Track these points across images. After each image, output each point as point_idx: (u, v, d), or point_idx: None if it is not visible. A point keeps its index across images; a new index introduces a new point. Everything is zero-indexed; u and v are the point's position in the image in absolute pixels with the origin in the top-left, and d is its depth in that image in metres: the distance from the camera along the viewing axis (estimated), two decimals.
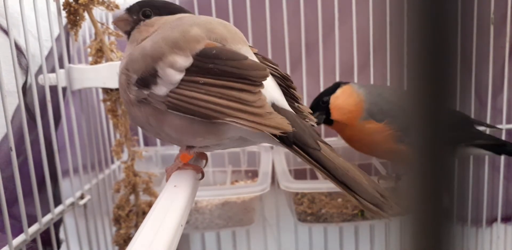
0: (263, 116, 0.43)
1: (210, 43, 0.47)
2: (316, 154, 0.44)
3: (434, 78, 0.17)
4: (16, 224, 0.62)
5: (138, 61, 0.48)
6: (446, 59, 0.16)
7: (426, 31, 0.16)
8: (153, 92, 0.46)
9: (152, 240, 0.35)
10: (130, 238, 0.74)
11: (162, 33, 0.49)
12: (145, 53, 0.48)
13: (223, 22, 0.51)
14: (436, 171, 0.18)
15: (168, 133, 0.48)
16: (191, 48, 0.46)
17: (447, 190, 0.18)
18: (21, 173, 0.57)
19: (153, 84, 0.46)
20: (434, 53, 0.16)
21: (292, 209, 0.80)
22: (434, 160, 0.18)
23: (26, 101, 0.65)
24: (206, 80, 0.44)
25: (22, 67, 0.66)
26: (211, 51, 0.46)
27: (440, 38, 0.16)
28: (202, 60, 0.45)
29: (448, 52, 0.16)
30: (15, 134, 0.60)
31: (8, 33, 0.56)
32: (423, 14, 0.16)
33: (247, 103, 0.43)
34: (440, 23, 0.16)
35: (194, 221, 0.76)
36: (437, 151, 0.17)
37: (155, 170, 0.87)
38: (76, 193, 0.73)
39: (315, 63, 0.88)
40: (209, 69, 0.45)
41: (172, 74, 0.46)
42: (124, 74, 0.49)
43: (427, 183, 0.18)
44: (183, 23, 0.49)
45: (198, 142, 0.48)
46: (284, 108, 0.47)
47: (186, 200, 0.44)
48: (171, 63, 0.46)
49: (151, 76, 0.47)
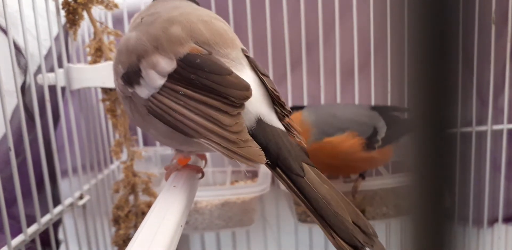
0: (237, 144, 0.40)
1: (195, 48, 0.44)
2: (299, 181, 0.41)
3: (435, 77, 0.17)
4: (15, 224, 0.61)
5: (123, 54, 0.46)
6: (448, 58, 0.16)
7: (427, 31, 0.16)
8: (136, 92, 0.45)
9: (151, 241, 0.35)
10: (130, 238, 0.74)
11: (149, 24, 0.47)
12: (129, 47, 0.46)
13: (211, 17, 0.48)
14: (438, 170, 0.18)
15: (154, 135, 0.47)
16: (175, 51, 0.44)
17: (449, 190, 0.18)
18: (20, 173, 0.56)
19: (136, 84, 0.45)
20: (436, 52, 0.16)
21: (292, 209, 0.80)
22: (435, 159, 0.18)
23: (25, 101, 0.64)
24: (186, 92, 0.42)
25: (21, 67, 0.66)
26: (195, 59, 0.43)
27: (441, 37, 0.16)
28: (185, 67, 0.43)
29: (450, 52, 0.16)
30: (14, 133, 0.60)
31: (7, 33, 0.56)
32: (424, 13, 0.16)
33: (223, 127, 0.41)
34: (441, 23, 0.16)
35: (194, 222, 0.76)
36: (439, 151, 0.17)
37: (154, 170, 0.86)
38: (75, 193, 0.73)
39: (315, 63, 0.88)
40: (190, 79, 0.42)
41: (154, 78, 0.44)
42: (115, 64, 0.48)
43: (428, 183, 0.18)
44: (170, 18, 0.46)
45: (185, 148, 0.47)
46: (271, 125, 0.43)
47: (185, 200, 0.44)
48: (153, 65, 0.44)
49: (135, 75, 0.45)
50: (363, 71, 0.89)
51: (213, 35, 0.45)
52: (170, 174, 0.49)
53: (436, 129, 0.17)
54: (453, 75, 0.16)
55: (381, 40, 0.83)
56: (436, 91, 0.17)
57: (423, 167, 0.18)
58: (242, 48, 0.48)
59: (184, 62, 0.43)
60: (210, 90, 0.42)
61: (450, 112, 0.17)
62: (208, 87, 0.42)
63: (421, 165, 0.18)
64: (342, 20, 0.86)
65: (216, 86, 0.41)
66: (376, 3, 0.83)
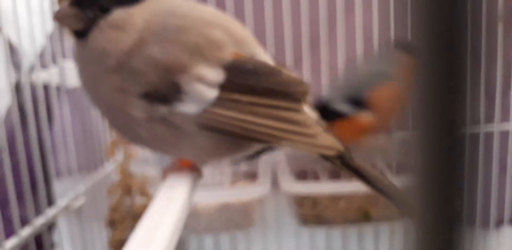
0: (315, 137, 0.41)
1: (237, 53, 0.42)
2: (353, 165, 0.43)
3: (443, 75, 0.16)
4: (8, 226, 0.61)
5: (144, 74, 0.40)
6: (455, 56, 0.16)
7: (433, 28, 0.16)
8: (177, 110, 0.40)
9: (148, 244, 0.35)
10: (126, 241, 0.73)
11: (172, 31, 0.41)
12: (155, 62, 0.40)
13: (227, 17, 0.46)
14: (447, 171, 0.17)
15: (186, 153, 0.44)
16: (218, 59, 0.41)
17: (458, 192, 0.17)
18: (13, 174, 0.56)
19: (177, 100, 0.40)
20: (443, 50, 0.16)
21: (293, 211, 0.79)
22: (444, 160, 0.17)
23: (18, 100, 0.64)
24: (250, 99, 0.41)
25: (14, 65, 0.66)
26: (245, 65, 0.41)
27: (449, 35, 0.16)
28: (236, 75, 0.41)
29: (457, 50, 0.16)
30: (7, 133, 0.59)
31: (1, 30, 0.55)
32: (430, 10, 0.16)
33: (298, 124, 0.41)
34: (448, 20, 0.16)
35: (192, 224, 0.75)
36: (448, 151, 0.17)
37: (151, 171, 0.86)
38: (70, 195, 0.72)
39: (317, 60, 0.87)
40: (249, 86, 0.41)
41: (203, 91, 0.40)
42: (116, 90, 0.40)
43: (437, 185, 0.17)
44: (193, 21, 0.42)
45: (219, 162, 0.47)
46: (319, 122, 0.44)
47: (183, 201, 0.43)
48: (198, 77, 0.40)
49: (171, 92, 0.40)
50: None
51: (244, 35, 0.44)
52: (169, 173, 0.48)
53: (445, 129, 0.17)
54: (461, 74, 0.16)
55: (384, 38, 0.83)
56: (444, 90, 0.16)
57: (431, 168, 0.17)
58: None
59: (234, 70, 0.41)
60: (273, 93, 0.42)
61: (459, 111, 0.16)
62: (270, 89, 0.41)
63: (429, 165, 0.17)
64: (345, 17, 0.86)
65: (277, 87, 0.42)
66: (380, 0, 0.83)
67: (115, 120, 0.44)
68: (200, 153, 0.44)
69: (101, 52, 0.40)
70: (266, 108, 0.41)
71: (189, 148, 0.43)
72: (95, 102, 0.44)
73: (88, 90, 0.43)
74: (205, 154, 0.44)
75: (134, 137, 0.44)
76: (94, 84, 0.42)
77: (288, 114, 0.41)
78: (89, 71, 0.42)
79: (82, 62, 0.43)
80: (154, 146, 0.45)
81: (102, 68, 0.41)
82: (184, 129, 0.41)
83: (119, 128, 0.45)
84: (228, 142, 0.42)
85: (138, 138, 0.44)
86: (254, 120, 0.41)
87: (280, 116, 0.41)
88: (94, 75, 0.42)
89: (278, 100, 0.42)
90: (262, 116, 0.41)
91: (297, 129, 0.41)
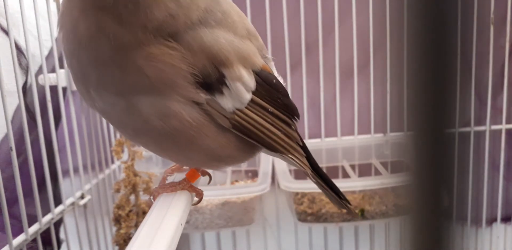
0: (303, 156, 0.48)
1: (265, 65, 0.44)
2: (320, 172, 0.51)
3: (434, 78, 0.17)
4: (17, 223, 0.61)
5: (195, 53, 0.38)
6: (446, 58, 0.16)
7: (426, 31, 0.16)
8: (217, 102, 0.40)
9: (151, 240, 0.35)
10: (130, 237, 0.74)
11: (218, 24, 0.39)
12: (207, 46, 0.38)
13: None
14: (436, 170, 0.18)
15: (197, 152, 0.42)
16: (252, 64, 0.42)
17: (447, 190, 0.18)
18: (21, 173, 0.57)
19: (218, 92, 0.40)
20: (434, 53, 0.16)
21: (292, 209, 0.80)
22: (434, 159, 0.18)
23: (26, 101, 0.65)
24: (273, 110, 0.44)
25: (22, 67, 0.66)
26: (271, 79, 0.44)
27: (440, 38, 0.16)
28: (263, 85, 0.43)
29: (448, 52, 0.16)
30: (15, 133, 0.60)
31: (8, 33, 0.56)
32: (423, 14, 0.16)
33: (297, 142, 0.47)
34: (440, 23, 0.16)
35: (194, 221, 0.76)
36: (438, 151, 0.17)
37: (155, 169, 0.87)
38: (77, 192, 0.73)
39: (315, 64, 0.88)
40: (272, 98, 0.44)
41: (242, 91, 0.41)
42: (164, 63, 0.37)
43: (426, 183, 0.18)
44: (237, 24, 0.41)
45: (222, 168, 0.47)
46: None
47: (186, 199, 0.44)
48: (239, 77, 0.40)
49: (217, 82, 0.39)
50: (362, 72, 0.89)
51: (260, 40, 0.46)
52: (162, 193, 0.45)
53: (435, 129, 0.17)
54: (452, 75, 0.16)
55: (380, 41, 0.83)
56: (435, 91, 0.17)
57: (422, 166, 0.18)
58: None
59: (262, 80, 0.43)
60: (286, 110, 0.45)
61: (449, 112, 0.17)
62: (286, 106, 0.45)
63: (420, 164, 0.18)
64: (341, 21, 0.86)
65: (290, 106, 0.46)
66: (376, 4, 0.83)
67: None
68: (215, 152, 0.42)
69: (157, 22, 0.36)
70: (282, 122, 0.45)
71: (209, 144, 0.41)
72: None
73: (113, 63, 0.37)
74: (220, 153, 0.42)
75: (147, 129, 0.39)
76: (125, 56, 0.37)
77: (293, 133, 0.46)
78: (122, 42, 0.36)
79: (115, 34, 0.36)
80: (170, 140, 0.40)
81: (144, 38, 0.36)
82: (214, 122, 0.40)
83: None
84: (245, 145, 0.43)
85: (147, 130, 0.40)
86: (273, 130, 0.44)
87: (289, 133, 0.46)
88: (128, 47, 0.37)
89: (288, 118, 0.46)
90: (278, 128, 0.44)
91: (296, 147, 0.46)
